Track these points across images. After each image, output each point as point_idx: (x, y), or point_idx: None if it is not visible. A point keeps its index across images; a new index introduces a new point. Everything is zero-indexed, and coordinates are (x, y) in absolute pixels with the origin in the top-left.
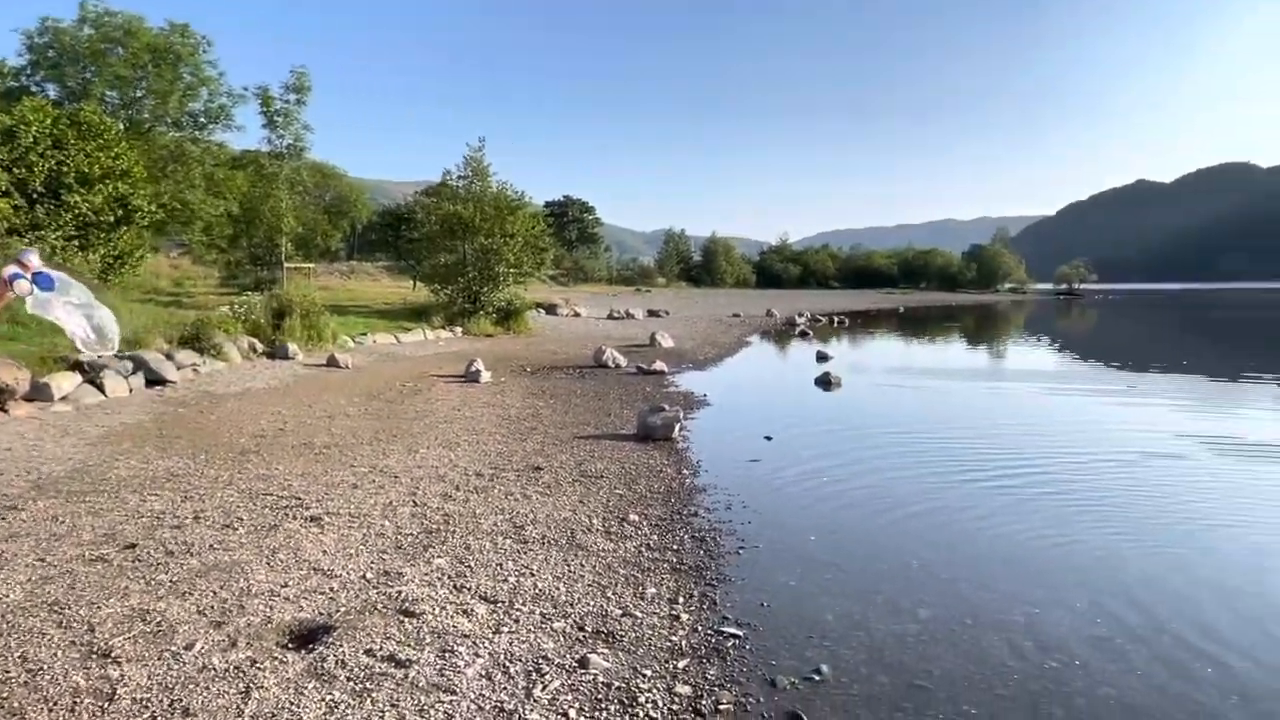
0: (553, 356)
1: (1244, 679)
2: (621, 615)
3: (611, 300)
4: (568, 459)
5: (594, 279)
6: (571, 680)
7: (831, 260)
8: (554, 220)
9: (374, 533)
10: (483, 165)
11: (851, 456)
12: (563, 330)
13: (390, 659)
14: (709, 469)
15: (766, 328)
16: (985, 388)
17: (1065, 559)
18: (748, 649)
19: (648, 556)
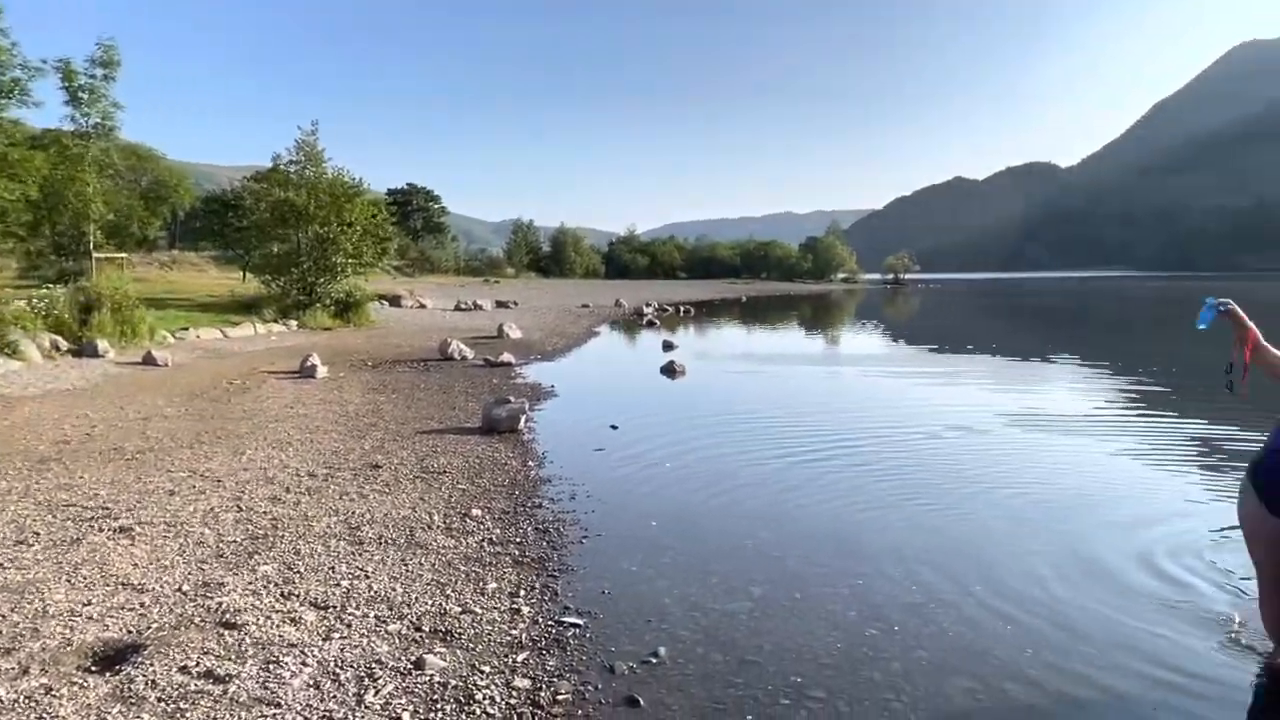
0: (396, 350)
1: (1035, 633)
2: (461, 612)
3: (459, 291)
4: (409, 455)
5: (441, 269)
6: (406, 683)
7: (678, 251)
8: (397, 209)
9: (192, 542)
10: (316, 150)
11: (693, 442)
12: (407, 322)
13: (208, 675)
14: (554, 460)
15: (615, 318)
16: (819, 371)
17: (886, 531)
18: (588, 637)
19: (490, 551)
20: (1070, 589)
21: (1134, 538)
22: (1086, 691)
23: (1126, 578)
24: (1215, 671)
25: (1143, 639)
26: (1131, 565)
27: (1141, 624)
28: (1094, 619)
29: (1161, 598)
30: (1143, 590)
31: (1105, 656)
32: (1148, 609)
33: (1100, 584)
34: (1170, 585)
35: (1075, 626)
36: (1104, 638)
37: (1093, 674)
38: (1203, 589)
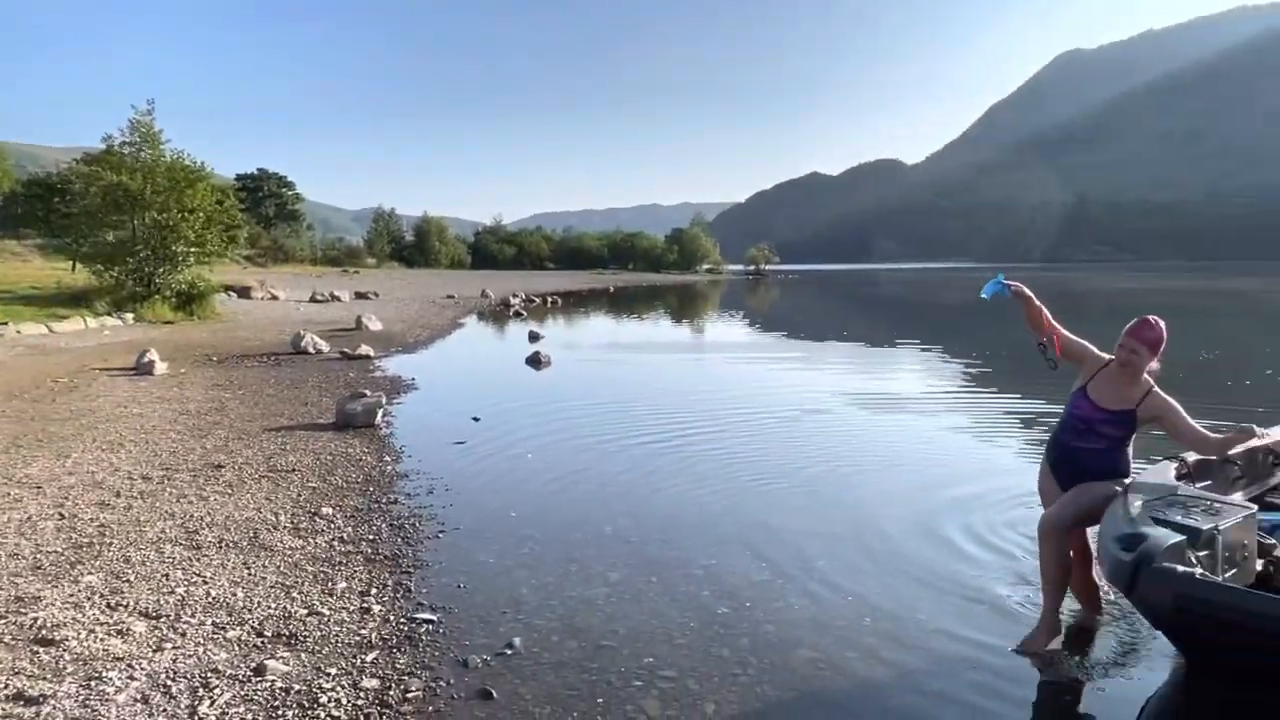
0: (244, 344)
1: (873, 604)
2: (307, 615)
3: (315, 282)
4: (255, 454)
5: (296, 259)
6: (245, 691)
7: (546, 242)
8: (246, 195)
9: (5, 554)
10: (153, 131)
11: (556, 432)
12: (257, 315)
13: (18, 697)
14: (413, 454)
15: (481, 309)
16: (684, 359)
17: (740, 512)
18: (441, 633)
19: (340, 550)
20: (905, 561)
21: (965, 510)
22: (916, 657)
23: (954, 548)
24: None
25: (966, 605)
26: (959, 536)
27: (966, 590)
28: (925, 588)
29: (984, 564)
30: (969, 558)
31: (934, 622)
32: (972, 576)
33: (932, 554)
34: (995, 554)
35: (908, 596)
36: (933, 605)
37: (923, 639)
38: (1023, 557)
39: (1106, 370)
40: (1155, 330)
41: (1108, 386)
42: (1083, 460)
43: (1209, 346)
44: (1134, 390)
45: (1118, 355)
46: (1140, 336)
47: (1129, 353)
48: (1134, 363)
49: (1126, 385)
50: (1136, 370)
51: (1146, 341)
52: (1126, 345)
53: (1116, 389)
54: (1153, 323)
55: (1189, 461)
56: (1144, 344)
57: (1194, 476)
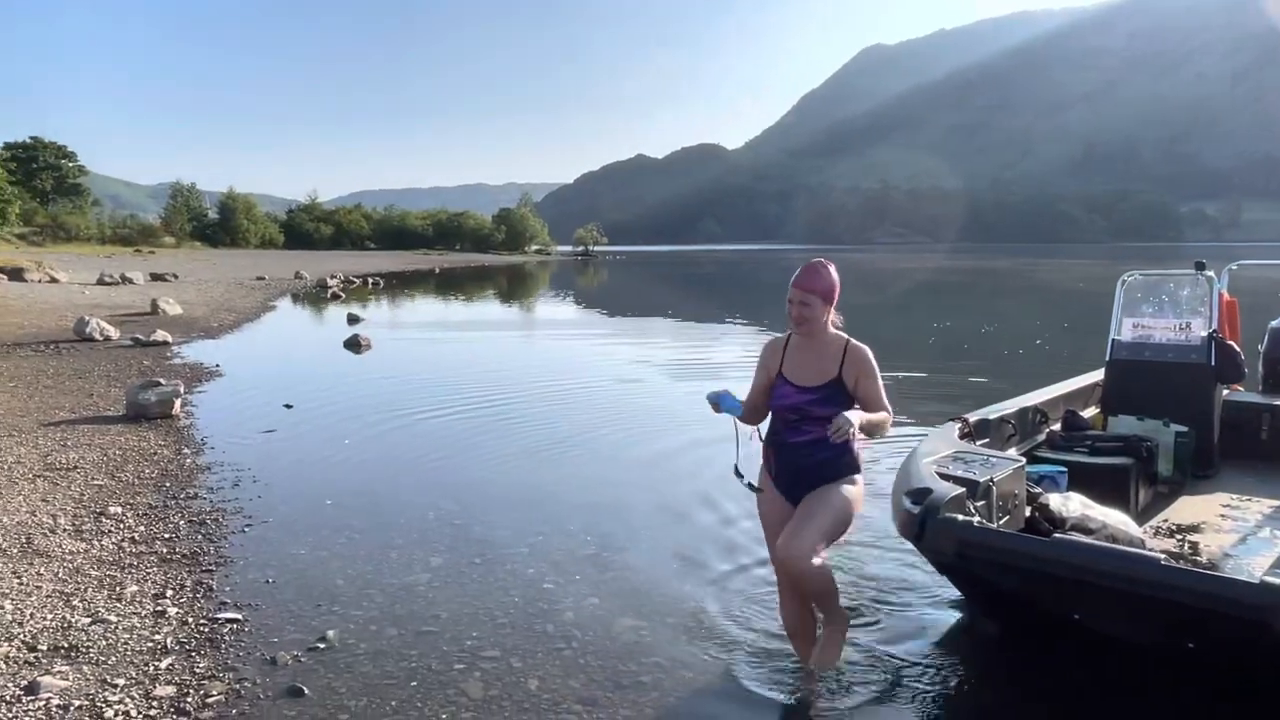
0: (17, 331)
1: (694, 569)
2: (90, 623)
3: (104, 263)
4: (28, 452)
5: (80, 238)
6: (14, 712)
7: (366, 220)
8: (18, 166)
9: None
10: None
11: (375, 417)
12: (33, 299)
13: None
14: (216, 445)
15: (296, 290)
16: (509, 338)
17: (564, 486)
18: (247, 631)
19: (131, 551)
20: (730, 526)
21: None
22: (738, 622)
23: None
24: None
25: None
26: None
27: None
28: (745, 553)
29: None
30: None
31: (755, 589)
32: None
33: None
34: None
35: (730, 561)
36: (757, 572)
37: (744, 605)
38: None
39: (791, 344)
40: (824, 274)
41: (801, 360)
42: (801, 458)
43: (990, 319)
44: (830, 356)
45: (789, 315)
46: (805, 284)
47: (799, 306)
48: (806, 316)
49: (818, 352)
50: (814, 325)
51: (815, 289)
52: (794, 298)
53: (811, 361)
54: (820, 266)
55: (970, 422)
56: (812, 291)
57: (974, 436)
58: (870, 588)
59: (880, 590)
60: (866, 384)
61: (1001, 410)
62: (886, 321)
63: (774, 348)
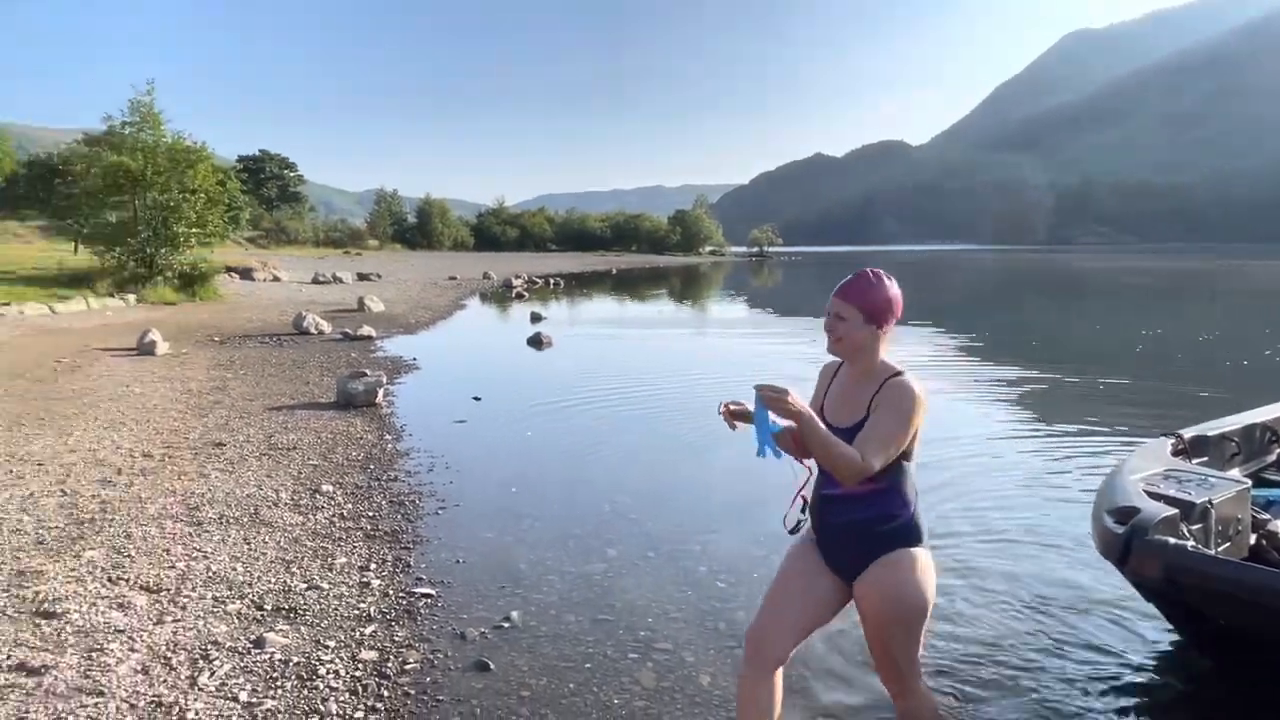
0: (246, 324)
1: None
2: (306, 589)
3: (318, 263)
4: (255, 432)
5: (298, 241)
6: (244, 662)
7: (548, 223)
8: (249, 176)
9: (8, 530)
10: (153, 112)
11: (556, 411)
12: (260, 296)
13: (20, 668)
14: (413, 433)
15: (483, 290)
16: (683, 338)
17: (736, 487)
18: (439, 606)
19: (340, 526)
20: None
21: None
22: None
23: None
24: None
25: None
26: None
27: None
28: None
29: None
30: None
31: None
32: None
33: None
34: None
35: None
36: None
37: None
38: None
39: (841, 372)
40: (872, 285)
41: (840, 393)
42: (832, 514)
43: (1208, 328)
44: (868, 391)
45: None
46: (843, 293)
47: (832, 319)
48: (840, 333)
49: (858, 383)
50: (848, 345)
51: (854, 300)
52: (829, 308)
53: (850, 393)
54: (870, 275)
55: (1185, 438)
56: (849, 302)
57: (1190, 453)
58: (1058, 605)
59: (1071, 609)
60: (877, 415)
61: (1224, 426)
62: (1083, 325)
63: (826, 373)
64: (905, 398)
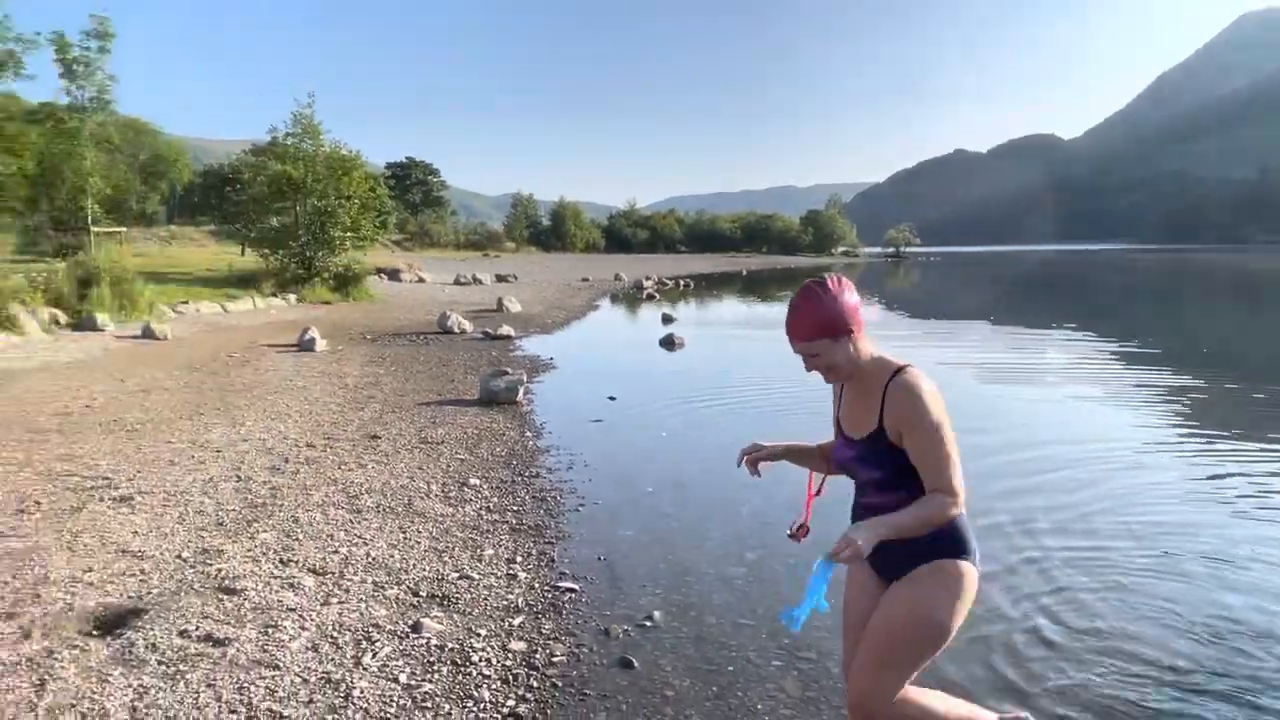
0: (395, 323)
1: (1018, 583)
2: (458, 578)
3: (458, 265)
4: (407, 426)
5: (440, 243)
6: (404, 646)
7: (679, 224)
8: (396, 182)
9: (192, 510)
10: (313, 123)
11: (690, 411)
12: (406, 296)
13: (207, 639)
14: (552, 430)
15: (615, 291)
16: None
17: None
18: (583, 602)
19: (487, 519)
20: (1049, 550)
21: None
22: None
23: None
24: None
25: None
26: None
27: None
28: (1082, 611)
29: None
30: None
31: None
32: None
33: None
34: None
35: (1083, 605)
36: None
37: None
38: None
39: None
40: (812, 307)
41: (850, 400)
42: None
43: None
44: (872, 396)
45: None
46: (799, 334)
47: (808, 360)
48: (823, 365)
49: (862, 388)
50: (840, 371)
51: (809, 335)
52: (797, 351)
53: (859, 399)
54: (805, 298)
55: None
56: (811, 339)
57: None
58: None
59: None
60: (913, 439)
61: None
62: (1262, 332)
63: (836, 384)
64: (917, 403)
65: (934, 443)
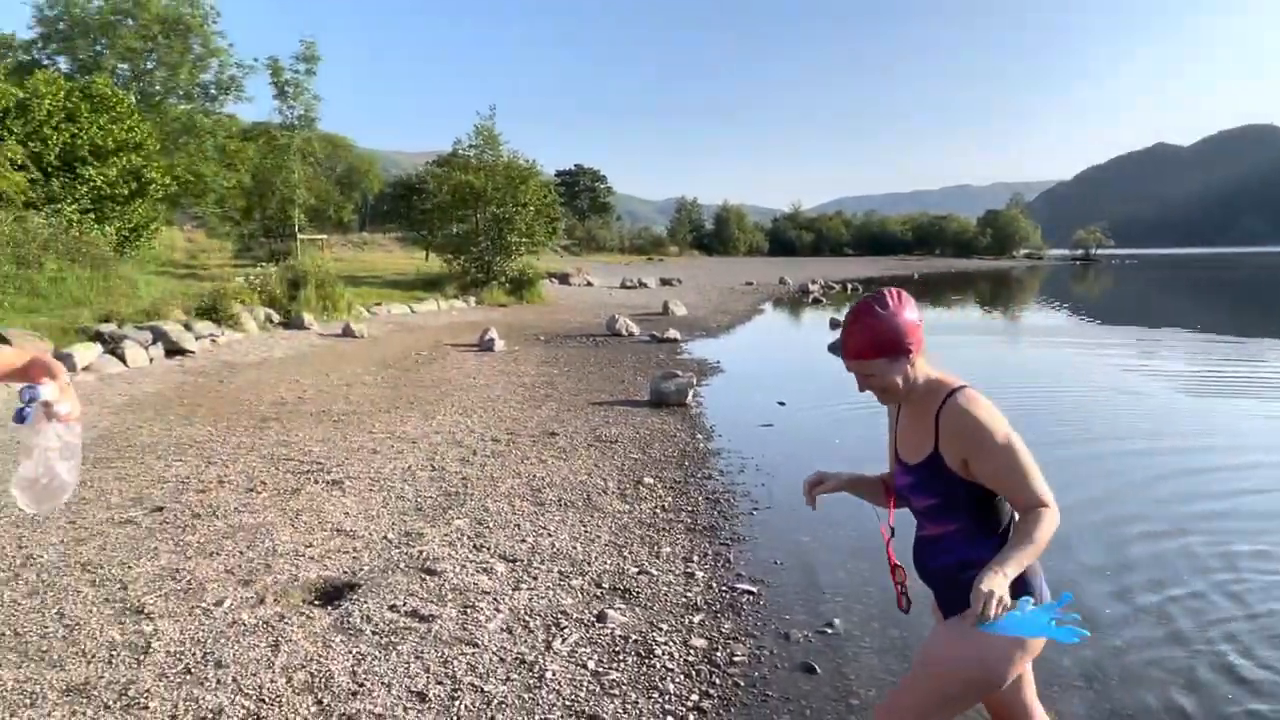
0: (566, 325)
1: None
2: (638, 573)
3: (624, 269)
4: (582, 425)
5: (606, 248)
6: (590, 634)
7: (845, 227)
8: (565, 189)
9: (394, 496)
10: (494, 134)
11: (862, 420)
12: (575, 299)
13: (414, 614)
14: (723, 433)
15: (780, 295)
16: (990, 344)
17: (1115, 508)
18: (762, 604)
19: (662, 518)
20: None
21: None
22: None
23: None
24: None
25: None
26: None
27: None
28: None
29: None
30: None
31: None
32: None
33: None
34: None
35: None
36: None
37: None
38: None
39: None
40: (866, 326)
41: (905, 424)
42: (922, 557)
43: None
44: (926, 412)
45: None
46: (853, 352)
47: (861, 379)
48: (877, 386)
49: (917, 410)
50: (896, 393)
51: (869, 352)
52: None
53: (913, 422)
54: (859, 316)
55: None
56: (866, 358)
57: None
58: None
59: None
60: (984, 462)
61: None
62: None
63: (892, 407)
64: (979, 424)
65: (1010, 460)
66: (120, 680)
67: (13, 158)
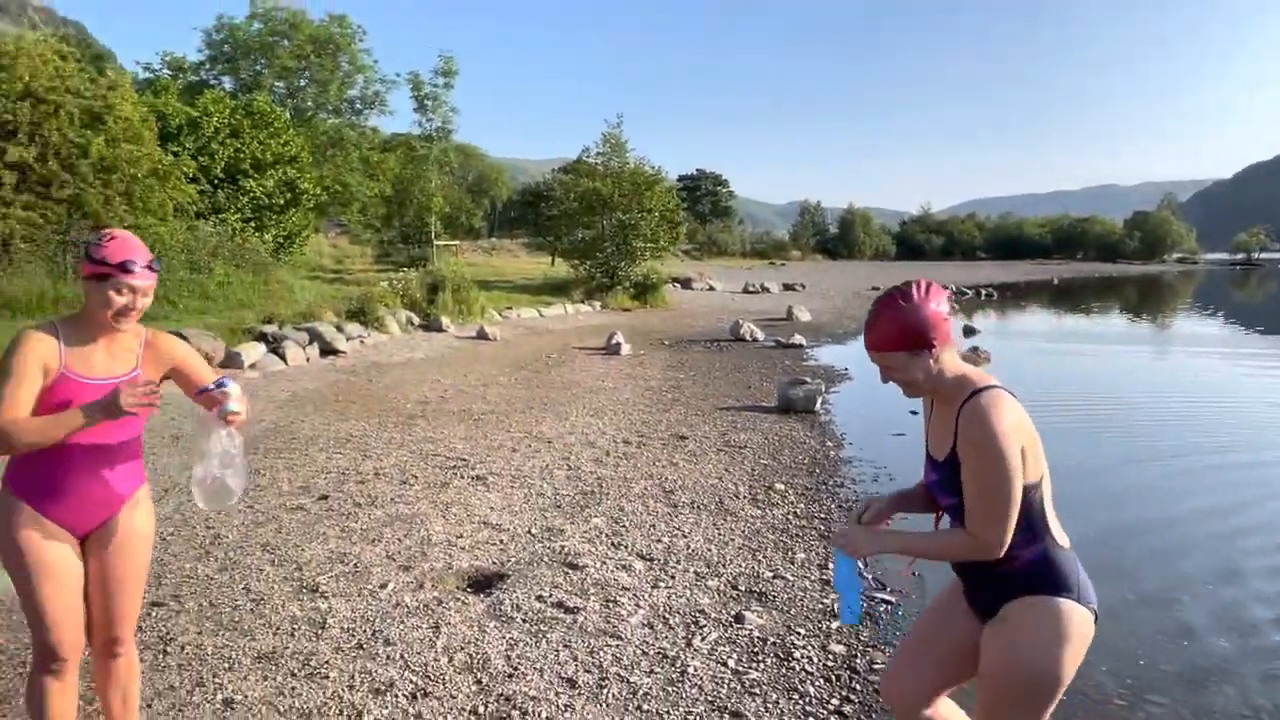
0: (689, 330)
1: None
2: (773, 577)
3: (745, 273)
4: (710, 429)
5: (727, 252)
6: (728, 633)
7: (978, 230)
8: (687, 194)
9: (534, 492)
10: (621, 141)
11: None
12: (698, 304)
13: (559, 605)
14: (853, 442)
15: None
16: (1136, 354)
17: (1206, 523)
18: (900, 615)
19: (795, 524)
20: None
21: None
22: None
23: None
24: None
25: None
26: None
27: None
28: None
29: None
30: None
31: None
32: None
33: None
34: None
35: None
36: None
37: None
38: None
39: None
40: (890, 317)
41: (935, 417)
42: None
43: None
44: (951, 407)
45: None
46: (875, 343)
47: (883, 371)
48: (900, 379)
49: (944, 403)
50: (920, 387)
51: (891, 343)
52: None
53: (941, 416)
54: (883, 308)
55: None
56: (887, 350)
57: None
58: None
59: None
60: (966, 469)
61: None
62: None
63: (926, 399)
64: (981, 432)
65: (986, 481)
66: (303, 651)
67: (186, 171)
